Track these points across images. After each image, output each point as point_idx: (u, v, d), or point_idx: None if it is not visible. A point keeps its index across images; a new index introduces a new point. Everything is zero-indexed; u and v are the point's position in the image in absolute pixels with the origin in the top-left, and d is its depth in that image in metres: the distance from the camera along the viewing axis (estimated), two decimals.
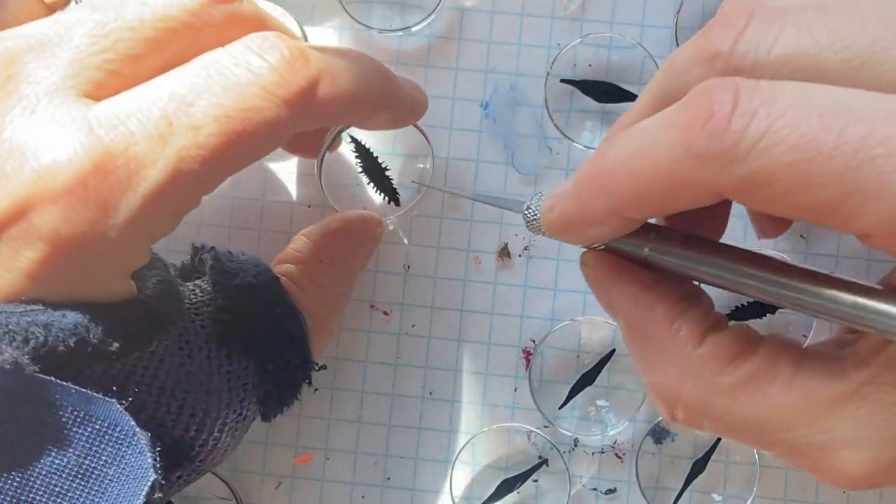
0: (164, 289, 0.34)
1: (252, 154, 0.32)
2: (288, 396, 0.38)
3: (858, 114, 0.25)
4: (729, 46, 0.28)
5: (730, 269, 0.31)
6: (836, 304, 0.29)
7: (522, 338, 0.45)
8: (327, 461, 0.45)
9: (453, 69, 0.45)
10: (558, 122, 0.44)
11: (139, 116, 0.30)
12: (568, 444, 0.44)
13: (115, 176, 0.30)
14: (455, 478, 0.44)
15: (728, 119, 0.26)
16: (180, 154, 0.30)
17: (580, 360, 0.45)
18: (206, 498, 0.45)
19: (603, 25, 0.45)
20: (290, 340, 0.38)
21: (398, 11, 0.45)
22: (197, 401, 0.34)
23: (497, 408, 0.45)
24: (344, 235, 0.42)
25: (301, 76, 0.32)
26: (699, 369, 0.31)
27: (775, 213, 0.27)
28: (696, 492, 0.44)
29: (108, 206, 0.30)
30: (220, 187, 0.32)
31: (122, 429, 0.30)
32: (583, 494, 0.44)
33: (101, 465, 0.30)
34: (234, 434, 0.37)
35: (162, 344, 0.33)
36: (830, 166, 0.25)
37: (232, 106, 0.31)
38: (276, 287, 0.38)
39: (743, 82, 0.26)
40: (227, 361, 0.36)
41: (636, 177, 0.28)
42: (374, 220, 0.43)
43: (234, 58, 0.32)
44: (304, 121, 0.33)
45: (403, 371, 0.45)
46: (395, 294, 0.45)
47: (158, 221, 0.31)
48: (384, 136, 0.45)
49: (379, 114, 0.37)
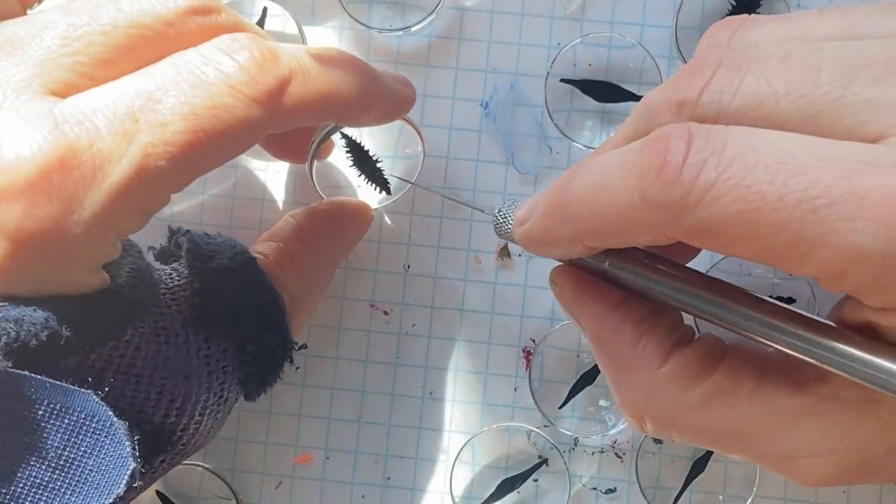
0: (137, 276, 0.34)
1: (222, 153, 0.32)
2: (269, 376, 0.38)
3: (804, 164, 0.26)
4: (695, 96, 0.29)
5: (681, 291, 0.32)
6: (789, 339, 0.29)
7: (522, 338, 0.45)
8: (327, 461, 0.45)
9: (453, 69, 0.45)
10: (558, 122, 0.44)
11: (105, 112, 0.30)
12: (568, 444, 0.44)
13: (79, 171, 0.30)
14: (455, 478, 0.44)
15: (679, 169, 0.27)
16: (146, 151, 0.30)
17: (580, 360, 0.45)
18: (206, 498, 0.45)
19: (603, 25, 0.45)
20: (269, 321, 0.37)
21: (398, 11, 0.45)
22: (176, 386, 0.34)
23: (497, 407, 0.45)
24: (330, 217, 0.42)
25: (271, 76, 0.32)
26: (664, 387, 0.32)
27: (730, 255, 0.28)
28: (696, 492, 0.44)
29: (73, 201, 0.30)
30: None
31: (99, 419, 0.30)
32: (583, 494, 0.44)
33: (81, 455, 0.30)
34: (216, 417, 0.37)
35: (137, 332, 0.33)
36: (775, 217, 0.26)
37: (200, 104, 0.31)
38: (252, 268, 0.38)
39: (696, 129, 0.27)
40: (205, 345, 0.36)
41: (596, 213, 0.29)
42: (362, 207, 0.43)
43: (203, 57, 0.32)
44: (277, 121, 0.33)
45: (403, 371, 0.45)
46: (395, 294, 0.45)
47: (125, 218, 0.31)
48: (376, 131, 0.45)
49: (362, 111, 0.37)
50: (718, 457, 0.44)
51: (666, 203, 0.27)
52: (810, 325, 0.29)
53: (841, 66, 0.27)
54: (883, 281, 0.25)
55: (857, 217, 0.25)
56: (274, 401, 0.45)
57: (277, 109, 0.33)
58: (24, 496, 0.29)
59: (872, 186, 0.25)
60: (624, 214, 0.28)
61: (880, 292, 0.26)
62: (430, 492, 0.45)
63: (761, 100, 0.28)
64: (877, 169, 0.25)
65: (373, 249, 0.45)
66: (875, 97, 0.27)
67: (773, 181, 0.26)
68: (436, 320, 0.45)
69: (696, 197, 0.26)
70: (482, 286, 0.45)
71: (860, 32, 0.29)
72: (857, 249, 0.25)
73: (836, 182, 0.25)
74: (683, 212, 0.27)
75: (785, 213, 0.25)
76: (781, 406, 0.30)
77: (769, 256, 0.27)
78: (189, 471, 0.44)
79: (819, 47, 0.28)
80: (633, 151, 0.28)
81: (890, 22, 0.29)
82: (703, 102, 0.29)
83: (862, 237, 0.25)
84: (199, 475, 0.44)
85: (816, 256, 0.26)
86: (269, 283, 0.38)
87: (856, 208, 0.25)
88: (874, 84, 0.27)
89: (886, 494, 0.44)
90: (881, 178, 0.25)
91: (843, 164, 0.26)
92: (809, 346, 0.29)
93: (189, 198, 0.45)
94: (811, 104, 0.27)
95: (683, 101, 0.29)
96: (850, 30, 0.29)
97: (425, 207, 0.45)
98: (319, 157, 0.44)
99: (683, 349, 0.32)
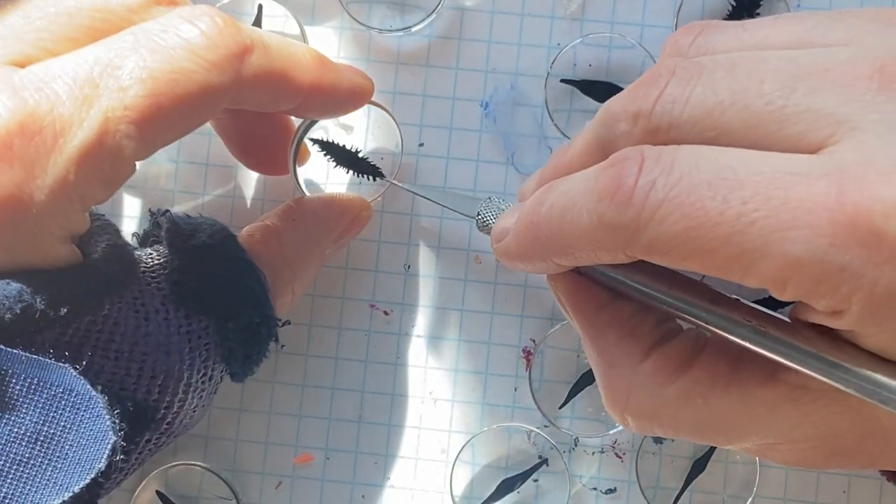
0: (113, 252, 0.34)
1: (183, 120, 0.33)
2: (254, 354, 0.38)
3: (743, 179, 0.27)
4: (649, 107, 0.30)
5: (647, 287, 0.33)
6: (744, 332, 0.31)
7: (522, 338, 0.45)
8: (327, 461, 0.45)
9: (453, 69, 0.45)
10: (558, 122, 0.44)
11: (65, 79, 0.31)
12: (568, 444, 0.44)
13: (40, 137, 0.30)
14: (455, 478, 0.44)
15: (631, 191, 0.28)
16: (106, 115, 0.30)
17: (580, 360, 0.45)
18: (207, 498, 0.45)
19: (603, 25, 0.45)
20: (250, 297, 0.37)
21: (398, 11, 0.46)
22: (157, 362, 0.34)
23: (497, 408, 0.45)
24: (325, 203, 0.42)
25: (232, 41, 0.33)
26: (644, 383, 0.33)
27: (685, 269, 0.29)
28: (696, 492, 0.44)
29: (35, 166, 0.30)
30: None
31: (77, 393, 0.31)
32: (583, 494, 0.44)
33: (61, 430, 0.30)
34: (201, 395, 0.37)
35: (115, 307, 0.33)
36: (718, 231, 0.27)
37: (159, 68, 0.31)
38: (232, 245, 0.38)
39: (648, 151, 0.28)
40: (185, 322, 0.36)
41: (563, 235, 0.31)
42: (360, 201, 0.43)
43: (163, 25, 0.32)
44: (237, 89, 0.33)
45: (403, 371, 0.45)
46: (395, 294, 0.45)
47: (89, 185, 0.31)
48: (356, 130, 0.45)
49: (317, 97, 0.37)
50: (718, 457, 0.44)
51: (620, 224, 0.28)
52: (764, 320, 0.30)
53: (783, 77, 0.28)
54: (823, 287, 0.26)
55: (792, 227, 0.26)
56: (274, 401, 0.45)
57: (238, 76, 0.33)
58: (5, 473, 0.30)
59: (806, 196, 0.26)
60: (587, 236, 0.30)
61: (823, 297, 0.27)
62: (430, 492, 0.45)
63: (709, 110, 0.29)
64: (810, 179, 0.26)
65: (373, 249, 0.45)
66: (815, 107, 0.27)
67: (715, 197, 0.27)
68: (436, 320, 0.45)
69: (647, 217, 0.28)
70: (482, 286, 0.45)
71: (808, 41, 0.30)
72: (795, 258, 0.26)
73: (773, 194, 0.26)
74: (637, 232, 0.28)
75: (727, 227, 0.26)
76: (755, 396, 0.31)
77: (718, 269, 0.27)
78: (189, 471, 0.44)
79: (765, 57, 0.29)
80: (592, 176, 0.30)
81: (836, 31, 0.30)
82: (656, 113, 0.29)
83: (797, 246, 0.26)
84: (199, 475, 0.44)
85: (759, 267, 0.26)
86: (249, 260, 0.38)
87: (790, 218, 0.26)
88: (814, 94, 0.27)
89: (886, 495, 0.44)
90: (814, 188, 0.26)
91: (780, 176, 0.26)
92: (764, 340, 0.30)
93: (189, 198, 0.45)
94: (754, 115, 0.28)
95: (639, 112, 0.30)
96: (801, 38, 0.30)
97: (425, 207, 0.45)
98: (299, 164, 0.43)
99: (664, 346, 0.33)
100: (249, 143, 0.42)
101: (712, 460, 0.44)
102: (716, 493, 0.44)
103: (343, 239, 0.43)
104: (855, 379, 0.28)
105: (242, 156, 0.43)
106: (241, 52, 0.33)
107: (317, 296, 0.45)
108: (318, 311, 0.45)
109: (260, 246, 0.39)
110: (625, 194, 0.28)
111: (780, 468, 0.44)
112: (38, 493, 0.30)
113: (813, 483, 0.44)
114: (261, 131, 0.42)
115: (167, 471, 0.44)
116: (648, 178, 0.28)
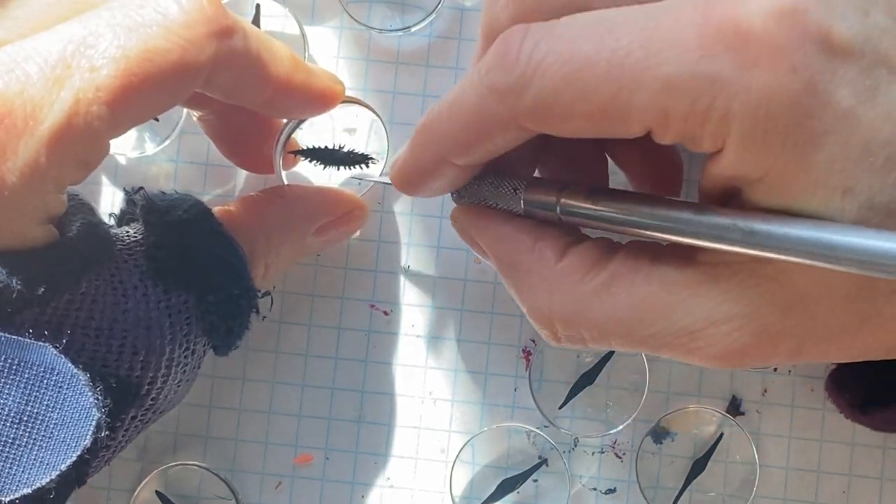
0: (88, 230, 0.34)
1: (158, 99, 0.32)
2: (235, 327, 0.38)
3: (618, 23, 0.28)
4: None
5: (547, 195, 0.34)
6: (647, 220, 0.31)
7: (522, 338, 0.45)
8: (327, 461, 0.45)
9: (453, 69, 0.45)
10: None
11: (36, 59, 0.30)
12: (568, 444, 0.44)
13: (11, 118, 0.30)
14: (455, 478, 0.44)
15: (517, 53, 0.29)
16: (77, 96, 0.30)
17: (580, 360, 0.45)
18: (206, 498, 0.45)
19: None
20: (229, 270, 0.37)
21: (398, 11, 0.46)
22: (138, 338, 0.34)
23: (497, 408, 0.45)
24: (317, 190, 0.42)
25: (213, 20, 0.32)
26: (563, 281, 0.33)
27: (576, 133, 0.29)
28: (696, 492, 0.44)
29: (6, 149, 0.30)
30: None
31: (59, 372, 0.31)
32: (583, 494, 0.44)
33: (44, 410, 0.30)
34: (185, 370, 0.37)
35: (93, 285, 0.33)
36: (595, 71, 0.28)
37: (133, 46, 0.31)
38: (208, 219, 0.38)
39: (534, 24, 0.30)
40: (165, 297, 0.36)
41: (454, 122, 0.32)
42: (355, 199, 0.43)
43: (141, 1, 0.32)
44: (215, 69, 0.33)
45: (403, 371, 0.45)
46: (395, 294, 0.45)
47: (63, 167, 0.31)
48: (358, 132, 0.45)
49: (285, 93, 0.37)
50: (718, 457, 0.44)
51: (507, 86, 0.29)
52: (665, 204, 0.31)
53: None
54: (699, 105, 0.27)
55: (662, 51, 0.27)
56: (274, 401, 0.45)
57: (214, 56, 0.32)
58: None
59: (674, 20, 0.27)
60: (477, 112, 0.31)
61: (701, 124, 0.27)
62: (430, 492, 0.45)
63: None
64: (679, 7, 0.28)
65: (373, 249, 0.45)
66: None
67: (590, 40, 0.28)
68: (436, 320, 0.45)
69: (532, 72, 0.29)
70: (482, 286, 0.45)
71: None
72: (667, 80, 0.27)
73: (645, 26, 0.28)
74: (523, 91, 0.29)
75: (604, 66, 0.28)
76: (676, 280, 0.31)
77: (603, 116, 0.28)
78: (189, 471, 0.44)
79: None
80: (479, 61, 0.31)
81: None
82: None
83: (669, 67, 0.27)
84: (199, 475, 0.44)
85: (636, 101, 0.27)
86: (225, 233, 0.38)
87: (660, 44, 0.27)
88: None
89: (886, 495, 0.44)
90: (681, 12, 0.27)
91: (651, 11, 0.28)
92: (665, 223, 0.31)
93: None
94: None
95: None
96: None
97: (425, 207, 0.45)
98: (285, 168, 0.43)
99: (579, 245, 0.33)
100: (237, 143, 0.42)
101: (712, 460, 0.44)
102: (716, 493, 0.44)
103: (330, 232, 0.42)
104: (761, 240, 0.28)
105: (231, 155, 0.43)
106: (220, 33, 0.33)
107: (317, 296, 0.45)
108: (318, 311, 0.45)
109: (237, 217, 0.39)
110: (510, 58, 0.29)
111: (781, 468, 0.44)
112: (24, 474, 0.30)
113: (813, 483, 0.44)
114: (247, 131, 0.42)
115: (167, 471, 0.44)
116: (533, 39, 0.29)
